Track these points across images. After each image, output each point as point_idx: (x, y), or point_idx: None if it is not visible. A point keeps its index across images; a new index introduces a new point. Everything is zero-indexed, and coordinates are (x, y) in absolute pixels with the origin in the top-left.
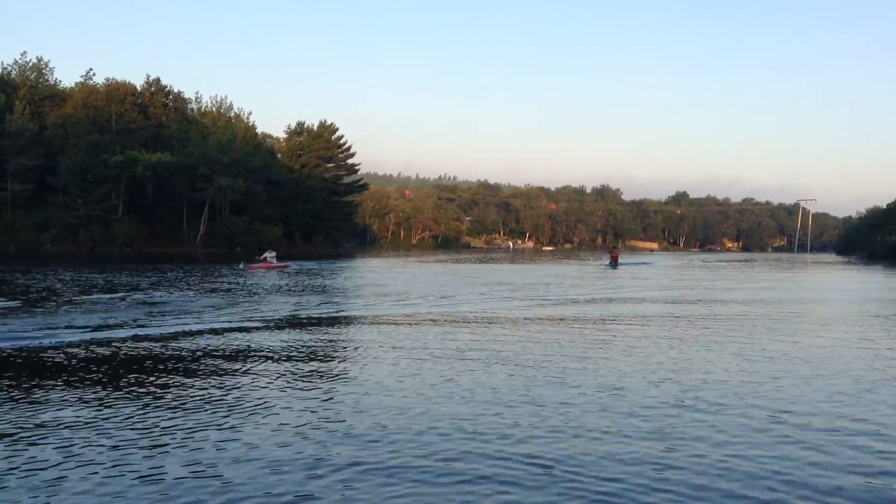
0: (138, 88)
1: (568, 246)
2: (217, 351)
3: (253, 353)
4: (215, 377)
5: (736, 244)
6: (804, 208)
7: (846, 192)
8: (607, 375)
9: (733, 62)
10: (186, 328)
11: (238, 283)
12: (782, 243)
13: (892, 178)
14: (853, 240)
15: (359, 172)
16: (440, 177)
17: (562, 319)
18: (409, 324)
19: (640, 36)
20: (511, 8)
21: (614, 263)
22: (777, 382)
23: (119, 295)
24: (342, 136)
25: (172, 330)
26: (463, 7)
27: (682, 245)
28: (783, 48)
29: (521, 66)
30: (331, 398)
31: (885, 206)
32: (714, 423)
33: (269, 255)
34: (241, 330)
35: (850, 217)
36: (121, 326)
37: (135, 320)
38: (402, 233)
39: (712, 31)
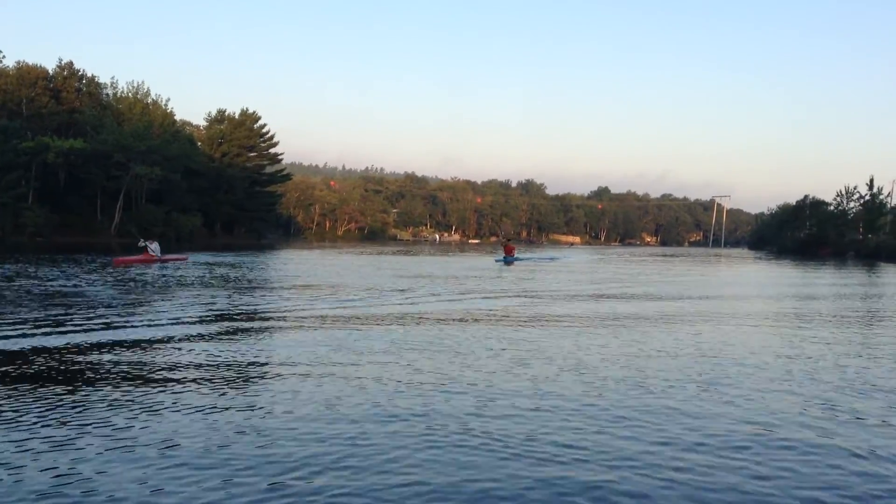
0: (50, 72)
1: (493, 239)
2: (116, 356)
3: (153, 359)
4: (113, 382)
5: (654, 239)
6: (719, 204)
7: (760, 189)
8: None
9: (666, 58)
10: (83, 327)
11: (147, 276)
12: (698, 238)
13: (802, 176)
14: (764, 235)
15: (283, 163)
16: (367, 168)
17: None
18: (328, 322)
19: (567, 31)
20: None
21: (509, 258)
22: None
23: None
24: (265, 125)
25: (68, 330)
26: None
27: (603, 239)
28: (715, 47)
29: (454, 58)
30: (244, 404)
31: (794, 203)
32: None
33: (151, 245)
34: (149, 330)
35: (762, 213)
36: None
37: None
38: (327, 224)
39: (646, 28)
